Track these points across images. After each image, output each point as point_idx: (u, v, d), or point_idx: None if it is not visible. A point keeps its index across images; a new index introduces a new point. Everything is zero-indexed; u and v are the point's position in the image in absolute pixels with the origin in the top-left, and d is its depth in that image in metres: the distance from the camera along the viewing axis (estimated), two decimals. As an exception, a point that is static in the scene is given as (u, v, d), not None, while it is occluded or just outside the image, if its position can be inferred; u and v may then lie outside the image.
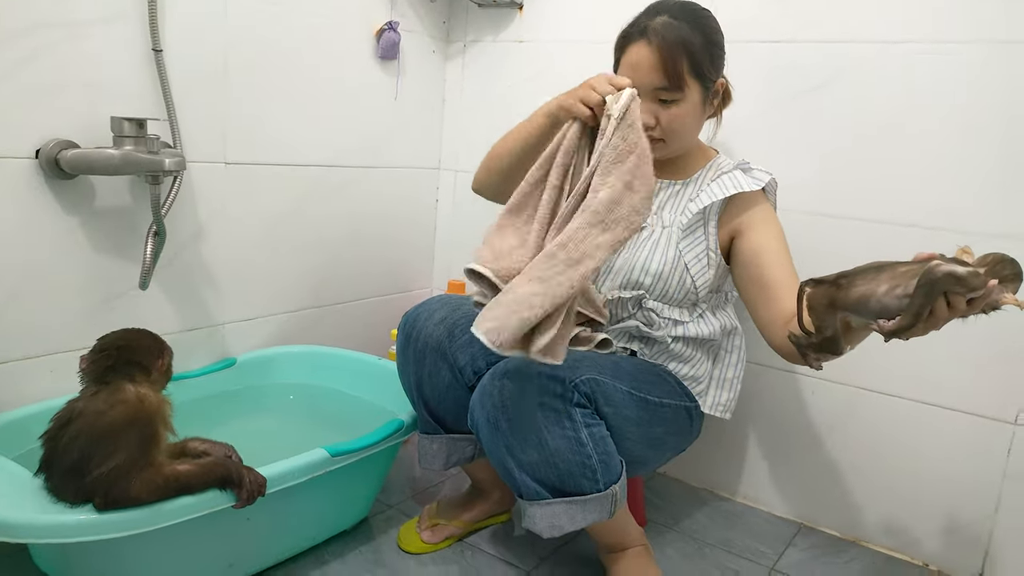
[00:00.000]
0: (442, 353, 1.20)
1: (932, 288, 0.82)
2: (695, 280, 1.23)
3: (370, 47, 1.72)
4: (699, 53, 1.15)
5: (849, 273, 0.91)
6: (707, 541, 1.45)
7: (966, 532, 1.38)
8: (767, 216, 1.23)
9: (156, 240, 1.27)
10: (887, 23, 1.35)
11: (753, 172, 1.25)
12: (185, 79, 1.35)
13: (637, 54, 1.16)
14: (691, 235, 1.24)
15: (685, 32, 1.14)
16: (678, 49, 1.14)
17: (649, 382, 1.19)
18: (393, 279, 1.93)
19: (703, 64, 1.16)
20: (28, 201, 1.18)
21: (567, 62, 1.73)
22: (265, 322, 1.62)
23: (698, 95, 1.19)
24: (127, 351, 1.02)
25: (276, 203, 1.58)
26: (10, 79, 1.13)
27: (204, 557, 1.08)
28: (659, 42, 1.14)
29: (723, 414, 1.30)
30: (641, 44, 1.16)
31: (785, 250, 1.20)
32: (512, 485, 1.11)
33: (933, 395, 1.39)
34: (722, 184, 1.23)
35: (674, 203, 1.28)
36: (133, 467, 0.95)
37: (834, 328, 0.94)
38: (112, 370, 1.00)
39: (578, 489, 1.08)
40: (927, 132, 1.34)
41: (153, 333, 1.07)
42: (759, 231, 1.21)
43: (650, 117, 1.18)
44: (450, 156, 1.98)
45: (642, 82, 1.15)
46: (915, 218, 1.36)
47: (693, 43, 1.15)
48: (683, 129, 1.21)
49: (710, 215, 1.24)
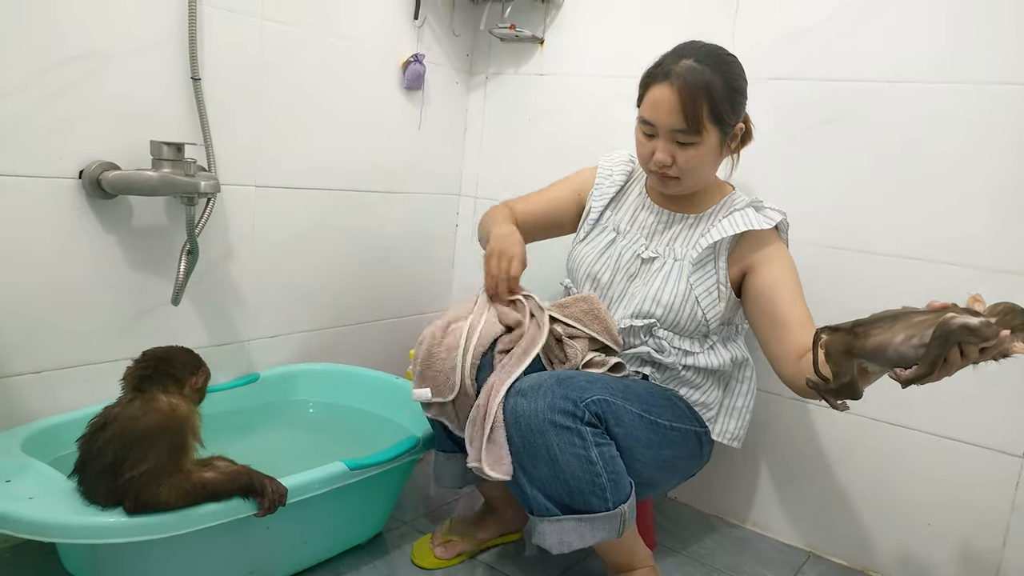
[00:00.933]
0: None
1: (947, 339, 0.86)
2: (706, 313, 1.26)
3: (396, 78, 1.79)
4: (720, 99, 1.18)
5: (865, 322, 0.95)
6: (715, 566, 1.46)
7: (974, 564, 1.39)
8: (780, 253, 1.26)
9: (189, 258, 1.33)
10: (898, 60, 1.40)
11: (765, 211, 1.28)
12: (220, 105, 1.42)
13: (659, 94, 1.20)
14: (701, 269, 1.27)
15: (708, 77, 1.17)
16: (699, 94, 1.17)
17: (660, 406, 1.23)
18: (412, 301, 1.98)
19: (723, 110, 1.19)
20: (70, 219, 1.25)
21: (586, 95, 1.79)
22: (288, 339, 1.67)
23: (716, 139, 1.22)
24: (164, 363, 1.07)
25: (301, 225, 1.65)
26: (57, 103, 1.20)
27: (226, 563, 1.12)
28: (680, 85, 1.17)
29: (731, 442, 1.32)
30: (664, 86, 1.19)
31: (797, 287, 1.23)
32: (523, 500, 1.15)
33: (943, 427, 1.41)
34: (733, 221, 1.26)
35: (686, 236, 1.31)
36: (163, 472, 0.99)
37: (851, 374, 0.97)
38: (148, 379, 1.05)
39: (587, 507, 1.11)
40: (938, 169, 1.37)
41: (194, 353, 1.13)
42: (772, 268, 1.24)
43: (667, 156, 1.22)
44: (470, 183, 2.04)
45: (662, 122, 1.20)
46: (926, 252, 1.39)
47: (714, 89, 1.17)
48: (699, 170, 1.24)
49: (720, 250, 1.27)
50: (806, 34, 1.48)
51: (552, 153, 1.87)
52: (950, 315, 0.87)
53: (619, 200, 1.42)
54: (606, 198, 1.41)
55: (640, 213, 1.38)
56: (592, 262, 1.36)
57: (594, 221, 1.41)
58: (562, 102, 1.85)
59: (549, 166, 1.86)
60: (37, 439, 1.18)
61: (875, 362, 0.94)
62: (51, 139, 1.20)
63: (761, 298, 1.24)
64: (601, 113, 1.34)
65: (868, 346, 0.93)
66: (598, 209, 1.40)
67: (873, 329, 0.94)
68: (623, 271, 1.33)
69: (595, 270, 1.36)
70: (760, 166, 1.53)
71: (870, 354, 0.94)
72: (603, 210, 1.41)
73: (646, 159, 1.27)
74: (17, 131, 1.16)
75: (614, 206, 1.41)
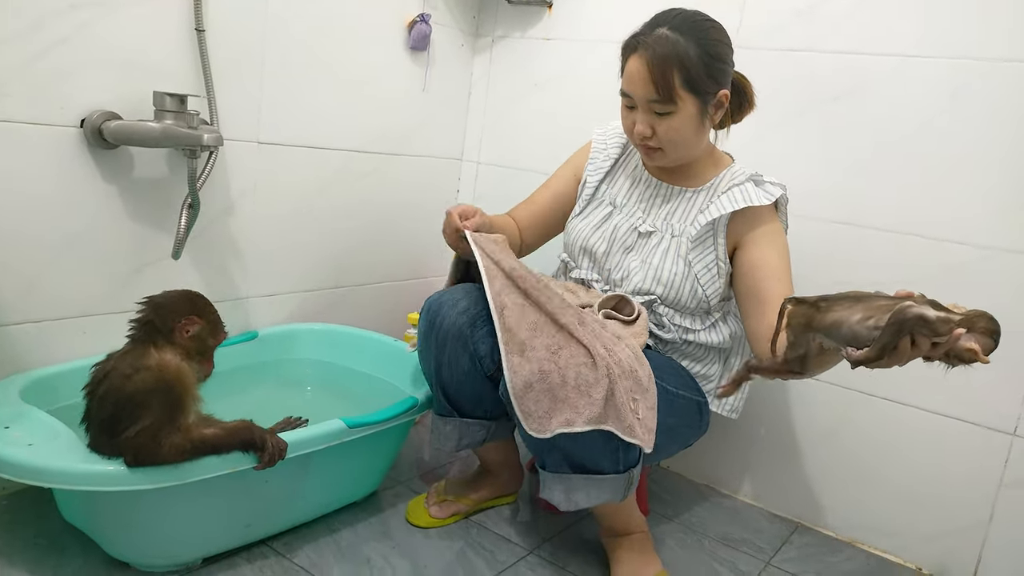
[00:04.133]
0: (463, 342, 1.22)
1: (901, 327, 0.86)
2: (705, 290, 1.26)
3: (402, 38, 1.76)
4: (693, 67, 1.16)
5: (831, 298, 0.96)
6: (706, 534, 1.49)
7: (960, 538, 1.41)
8: (772, 232, 1.26)
9: (190, 212, 1.31)
10: (911, 35, 1.38)
11: (765, 185, 1.27)
12: (224, 59, 1.40)
13: (632, 66, 1.19)
14: (700, 246, 1.27)
15: (680, 46, 1.15)
16: (669, 64, 1.15)
17: (668, 372, 1.24)
18: (412, 265, 1.97)
19: (697, 78, 1.17)
20: (71, 168, 1.23)
21: (593, 61, 1.77)
22: (287, 299, 1.67)
23: (694, 107, 1.19)
24: (152, 309, 1.05)
25: (304, 184, 1.63)
26: (59, 51, 1.18)
27: (224, 516, 1.13)
28: (650, 56, 1.16)
29: (730, 414, 1.34)
30: (636, 57, 1.18)
31: (784, 267, 1.23)
32: (537, 455, 1.16)
33: (934, 403, 1.42)
34: (732, 197, 1.25)
35: (684, 210, 1.31)
36: (160, 431, 0.99)
37: (807, 347, 0.98)
38: (140, 327, 1.04)
39: (598, 467, 1.12)
40: (945, 145, 1.37)
41: (196, 298, 1.10)
42: (761, 245, 1.24)
43: (646, 128, 1.21)
44: (473, 148, 2.03)
45: (637, 94, 1.20)
46: (929, 230, 1.39)
47: (687, 57, 1.15)
48: (680, 140, 1.23)
49: (719, 227, 1.27)
50: (819, 5, 1.47)
51: (557, 120, 1.86)
52: (909, 303, 0.87)
53: (615, 173, 1.41)
54: (601, 172, 1.40)
55: (637, 186, 1.37)
56: (588, 235, 1.36)
57: (590, 195, 1.40)
58: (569, 68, 1.83)
59: (553, 133, 1.86)
60: (36, 388, 1.18)
61: (830, 337, 0.95)
62: (53, 87, 1.18)
63: (747, 276, 1.24)
64: (608, 80, 1.33)
65: (826, 320, 0.94)
66: (593, 183, 1.40)
67: (835, 305, 0.94)
68: (619, 243, 1.33)
69: (591, 243, 1.35)
70: (767, 139, 1.52)
71: (826, 329, 0.94)
72: (598, 184, 1.40)
73: (629, 131, 1.26)
74: (18, 77, 1.14)
75: (610, 179, 1.40)
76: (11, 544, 1.14)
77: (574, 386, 1.05)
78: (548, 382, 1.05)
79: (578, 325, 1.10)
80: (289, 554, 1.21)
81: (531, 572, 1.27)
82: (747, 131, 1.44)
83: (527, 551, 1.33)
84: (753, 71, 1.30)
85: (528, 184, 1.85)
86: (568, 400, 1.05)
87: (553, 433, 1.05)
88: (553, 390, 1.05)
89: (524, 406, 1.06)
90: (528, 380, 1.06)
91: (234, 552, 1.18)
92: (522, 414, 1.06)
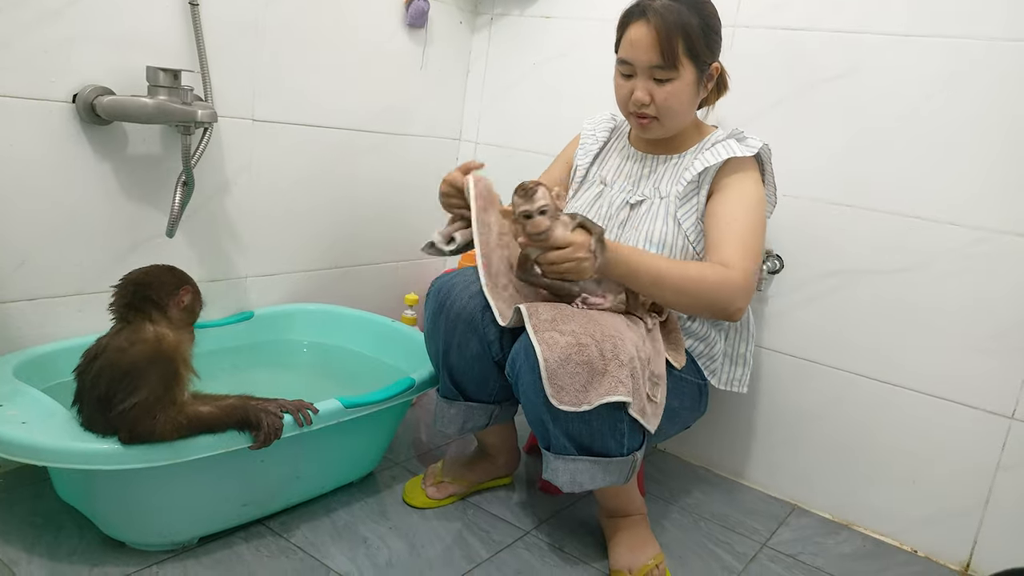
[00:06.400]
0: (473, 326, 1.21)
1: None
2: (695, 246, 1.27)
3: (399, 14, 1.74)
4: (695, 35, 1.20)
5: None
6: (703, 515, 1.49)
7: (956, 521, 1.42)
8: (742, 179, 1.26)
9: (185, 190, 1.30)
10: (908, 14, 1.37)
11: (747, 140, 1.28)
12: (218, 34, 1.38)
13: (636, 32, 1.21)
14: (687, 203, 1.28)
15: (683, 14, 1.19)
16: (675, 30, 1.19)
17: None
18: (408, 246, 1.96)
19: (698, 46, 1.21)
20: (63, 144, 1.21)
21: (593, 40, 1.75)
22: (283, 279, 1.65)
23: (692, 75, 1.23)
24: (143, 287, 1.04)
25: (299, 163, 1.61)
26: (50, 24, 1.16)
27: (220, 495, 1.13)
28: (657, 22, 1.19)
29: (739, 388, 1.35)
30: (640, 23, 1.21)
31: (738, 212, 1.23)
32: (542, 437, 1.15)
33: (931, 385, 1.42)
34: (715, 152, 1.26)
35: (671, 175, 1.32)
36: (156, 404, 0.98)
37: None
38: (132, 308, 1.03)
39: (604, 450, 1.12)
40: (942, 126, 1.36)
41: (175, 270, 1.10)
42: (726, 192, 1.26)
43: (645, 95, 1.23)
44: (471, 127, 2.00)
45: (639, 60, 1.22)
46: (929, 211, 1.38)
47: (690, 25, 1.19)
48: (677, 106, 1.24)
49: (703, 182, 1.28)
50: (823, -17, 1.45)
51: (556, 99, 1.84)
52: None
53: (603, 155, 1.43)
54: (590, 155, 1.42)
55: (625, 164, 1.38)
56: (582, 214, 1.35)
57: (581, 178, 1.42)
58: (569, 47, 1.80)
59: (553, 113, 1.84)
60: (30, 366, 1.17)
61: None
62: (44, 60, 1.16)
63: (705, 225, 1.26)
64: (608, 61, 1.31)
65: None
66: (584, 167, 1.41)
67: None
68: (614, 219, 1.33)
69: None
70: (765, 118, 1.51)
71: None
72: (588, 166, 1.42)
73: (625, 101, 1.27)
74: (8, 51, 1.12)
75: (600, 161, 1.42)
76: (7, 523, 1.13)
77: (612, 358, 1.06)
78: (586, 355, 1.05)
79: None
80: (286, 533, 1.21)
81: (528, 553, 1.27)
82: (746, 110, 1.43)
83: (524, 532, 1.33)
84: (752, 51, 1.29)
85: (527, 164, 1.83)
86: (608, 372, 1.06)
87: (594, 405, 1.05)
88: (592, 362, 1.05)
89: (558, 380, 1.06)
90: (566, 354, 1.06)
91: (231, 531, 1.18)
92: (554, 388, 1.06)
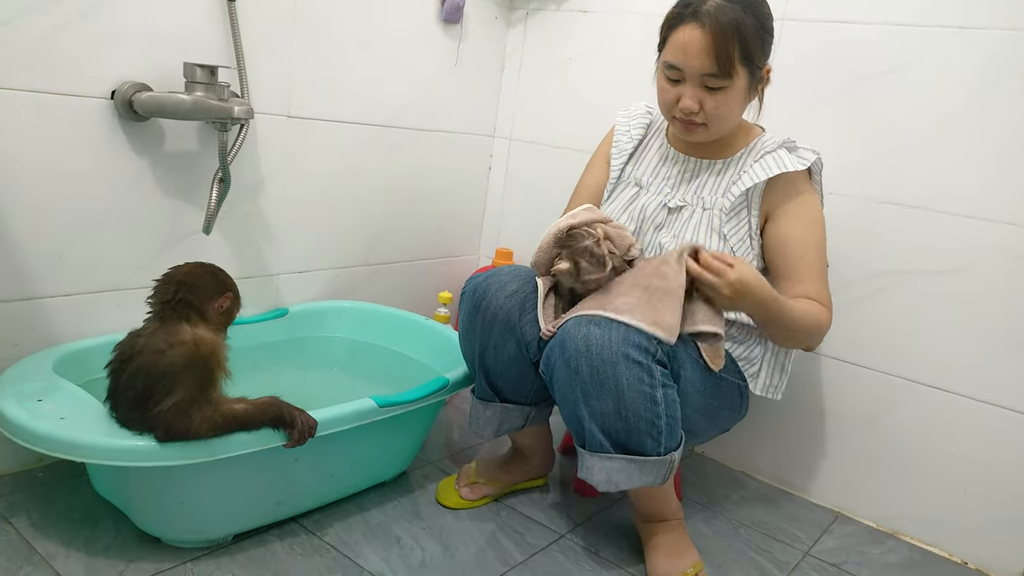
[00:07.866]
0: (511, 327, 1.19)
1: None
2: None
3: (435, 9, 1.72)
4: (751, 38, 1.12)
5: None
6: (742, 522, 1.45)
7: (1009, 533, 1.36)
8: (804, 201, 1.21)
9: (221, 186, 1.30)
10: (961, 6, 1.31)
11: (799, 151, 1.22)
12: (255, 31, 1.37)
13: (687, 36, 1.13)
14: (735, 218, 1.23)
15: (739, 16, 1.11)
16: (731, 35, 1.10)
17: None
18: (442, 243, 1.95)
19: (754, 50, 1.13)
20: (101, 140, 1.22)
21: (630, 35, 1.72)
22: (317, 276, 1.65)
23: (745, 81, 1.16)
24: (185, 289, 1.04)
25: (334, 159, 1.61)
26: (89, 20, 1.16)
27: (254, 493, 1.12)
28: (712, 25, 1.10)
29: (775, 395, 1.30)
30: (693, 26, 1.12)
31: (812, 238, 1.20)
32: (577, 434, 1.13)
33: (982, 391, 1.36)
34: (765, 164, 1.21)
35: (715, 183, 1.26)
36: (192, 405, 0.98)
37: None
38: (171, 307, 1.03)
39: (640, 448, 1.09)
40: (987, 126, 1.30)
41: (219, 272, 1.10)
42: (791, 217, 1.21)
43: (694, 103, 1.16)
44: (505, 124, 1.98)
45: (691, 66, 1.14)
46: (976, 210, 1.33)
47: (745, 28, 1.11)
48: (727, 116, 1.18)
49: (753, 196, 1.23)
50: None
51: (592, 96, 1.80)
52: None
53: (639, 154, 1.37)
54: (625, 154, 1.36)
55: (664, 164, 1.33)
56: (616, 218, 1.32)
57: (615, 179, 1.37)
58: (605, 42, 1.77)
59: (588, 109, 1.81)
60: (68, 361, 1.18)
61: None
62: (83, 57, 1.17)
63: (775, 251, 1.22)
64: (645, 55, 1.28)
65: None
66: (618, 167, 1.36)
67: None
68: (649, 222, 1.29)
69: None
70: (812, 114, 1.46)
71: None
72: (623, 166, 1.36)
73: (670, 106, 1.21)
74: (48, 48, 1.13)
75: (635, 160, 1.36)
76: (45, 516, 1.14)
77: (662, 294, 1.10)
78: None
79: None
80: (319, 532, 1.20)
81: (563, 556, 1.24)
82: (793, 106, 1.38)
83: (559, 535, 1.30)
84: (799, 45, 1.24)
85: (561, 162, 1.80)
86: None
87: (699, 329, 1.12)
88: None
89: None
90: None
91: (264, 529, 1.18)
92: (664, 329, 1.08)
